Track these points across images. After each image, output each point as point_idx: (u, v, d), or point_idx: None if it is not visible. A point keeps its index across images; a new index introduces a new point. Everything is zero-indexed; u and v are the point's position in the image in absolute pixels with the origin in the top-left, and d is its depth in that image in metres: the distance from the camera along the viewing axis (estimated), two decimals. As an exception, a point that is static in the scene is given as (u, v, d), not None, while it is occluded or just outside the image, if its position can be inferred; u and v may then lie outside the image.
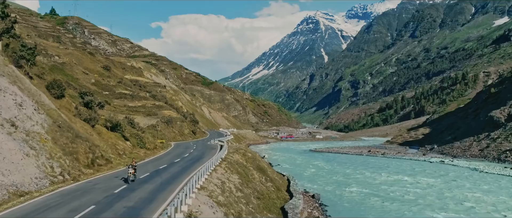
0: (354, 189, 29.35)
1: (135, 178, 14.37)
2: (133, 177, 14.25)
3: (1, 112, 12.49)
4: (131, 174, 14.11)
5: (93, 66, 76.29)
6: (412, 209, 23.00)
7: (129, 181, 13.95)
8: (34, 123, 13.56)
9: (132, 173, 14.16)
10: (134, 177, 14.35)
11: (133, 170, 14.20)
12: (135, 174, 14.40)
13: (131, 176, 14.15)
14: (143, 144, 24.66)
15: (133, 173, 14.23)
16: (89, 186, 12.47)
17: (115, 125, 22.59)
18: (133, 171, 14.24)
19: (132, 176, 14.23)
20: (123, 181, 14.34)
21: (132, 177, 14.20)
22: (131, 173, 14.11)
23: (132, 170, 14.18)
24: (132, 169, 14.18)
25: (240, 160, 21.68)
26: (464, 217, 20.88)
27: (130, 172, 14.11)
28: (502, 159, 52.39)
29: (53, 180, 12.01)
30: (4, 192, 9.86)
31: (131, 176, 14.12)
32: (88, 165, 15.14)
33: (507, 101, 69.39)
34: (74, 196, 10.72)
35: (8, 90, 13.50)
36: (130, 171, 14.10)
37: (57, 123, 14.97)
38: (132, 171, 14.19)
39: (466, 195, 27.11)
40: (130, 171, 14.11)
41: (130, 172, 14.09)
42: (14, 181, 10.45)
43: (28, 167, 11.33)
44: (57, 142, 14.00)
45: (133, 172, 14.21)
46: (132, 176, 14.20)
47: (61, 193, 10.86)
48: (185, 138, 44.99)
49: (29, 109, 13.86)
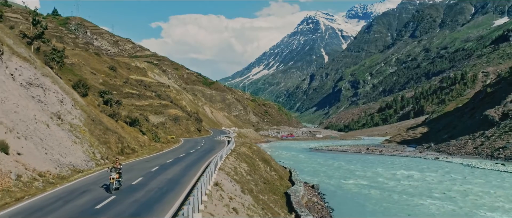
0: (351, 181, 31.54)
1: (120, 185, 10.70)
2: (117, 184, 10.54)
3: (48, 107, 14.76)
4: (114, 180, 10.38)
5: (99, 67, 78.64)
6: (403, 196, 25.21)
7: (112, 190, 10.26)
8: (73, 117, 15.82)
9: (115, 178, 10.45)
10: (119, 184, 10.65)
11: (117, 175, 10.54)
12: (120, 179, 10.67)
13: (114, 182, 10.39)
14: (158, 138, 26.91)
15: (117, 178, 10.53)
16: (128, 167, 14.89)
17: (133, 120, 24.86)
18: (117, 175, 10.55)
19: (116, 183, 10.50)
20: (141, 170, 14.44)
21: (115, 184, 10.45)
22: (114, 178, 10.38)
23: (116, 174, 10.51)
24: (116, 173, 10.52)
25: (247, 152, 23.95)
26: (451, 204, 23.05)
27: (113, 177, 10.38)
28: (495, 156, 54.50)
29: (97, 163, 14.33)
30: (66, 169, 12.23)
31: (114, 183, 10.37)
32: (119, 153, 17.41)
33: (501, 100, 71.52)
34: (123, 171, 13.24)
35: (51, 89, 15.76)
36: (113, 176, 10.39)
37: (90, 117, 17.24)
38: (116, 176, 10.48)
39: (455, 186, 29.29)
40: (113, 175, 10.40)
41: (113, 178, 10.38)
42: (70, 162, 12.80)
43: (76, 152, 13.62)
44: (93, 133, 16.27)
45: (117, 177, 10.52)
46: (115, 182, 10.44)
47: (107, 172, 13.31)
48: (191, 135, 47.32)
49: (68, 105, 16.12)
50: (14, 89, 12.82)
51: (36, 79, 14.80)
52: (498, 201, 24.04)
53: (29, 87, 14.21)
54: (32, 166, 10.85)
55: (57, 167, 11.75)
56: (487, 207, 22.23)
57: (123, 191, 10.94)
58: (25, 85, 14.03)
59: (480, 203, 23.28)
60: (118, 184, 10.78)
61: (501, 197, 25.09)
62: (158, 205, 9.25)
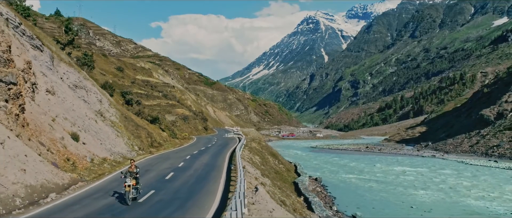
0: (351, 176, 33.99)
1: (138, 193, 8.79)
2: (134, 192, 8.55)
3: (91, 106, 17.20)
4: (130, 188, 8.38)
5: (107, 67, 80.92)
6: (399, 188, 27.66)
7: (128, 201, 8.34)
8: (111, 114, 18.25)
9: (132, 185, 8.45)
10: (137, 193, 8.73)
11: (133, 181, 8.54)
12: (138, 186, 8.74)
13: (131, 191, 8.40)
14: (175, 135, 29.37)
15: (134, 185, 8.52)
16: (165, 156, 17.75)
17: (154, 119, 27.33)
18: (134, 181, 8.54)
19: (133, 192, 8.52)
20: (177, 158, 16.68)
21: (132, 192, 8.47)
22: (130, 186, 8.39)
23: (133, 180, 8.52)
24: (132, 179, 8.52)
25: (257, 147, 26.44)
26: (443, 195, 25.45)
27: (129, 184, 8.39)
28: (489, 154, 56.87)
29: (137, 153, 16.81)
30: (118, 156, 14.73)
31: (130, 192, 8.38)
32: (150, 146, 19.89)
33: (497, 100, 73.90)
34: (163, 159, 16.49)
35: (92, 90, 18.20)
36: (128, 183, 8.39)
37: (123, 115, 19.68)
38: (133, 182, 8.49)
39: (447, 180, 31.73)
40: (129, 182, 8.41)
41: (129, 185, 8.39)
42: (119, 151, 15.29)
43: (120, 144, 16.07)
44: (127, 129, 18.71)
45: (133, 184, 8.52)
46: (132, 191, 8.45)
47: (152, 158, 16.23)
48: (199, 133, 49.84)
49: (106, 104, 18.57)
50: (67, 90, 15.20)
51: (79, 82, 17.18)
52: (484, 192, 26.49)
53: (75, 89, 16.58)
54: (95, 153, 13.26)
55: (111, 155, 14.19)
56: (473, 197, 24.68)
57: (178, 169, 14.04)
58: (72, 87, 16.39)
59: (467, 194, 25.72)
60: (136, 193, 8.60)
61: (487, 189, 27.55)
62: (210, 177, 12.26)
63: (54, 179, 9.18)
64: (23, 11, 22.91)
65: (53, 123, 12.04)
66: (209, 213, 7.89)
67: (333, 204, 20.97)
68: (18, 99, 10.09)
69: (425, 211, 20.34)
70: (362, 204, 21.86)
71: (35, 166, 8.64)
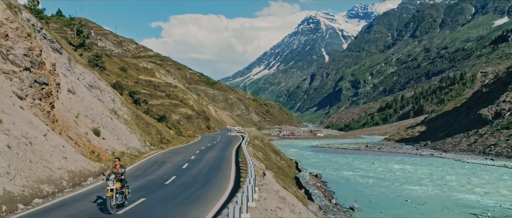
0: (350, 173, 35.16)
1: (125, 199, 7.62)
2: (120, 198, 7.39)
3: (106, 104, 18.43)
4: (113, 193, 7.12)
5: (111, 67, 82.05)
6: (396, 184, 28.83)
7: (111, 208, 6.99)
8: (123, 112, 19.49)
9: (116, 189, 7.22)
10: (123, 199, 7.54)
11: (118, 184, 7.30)
12: (123, 190, 7.47)
13: (113, 197, 7.12)
14: (180, 132, 30.60)
15: (118, 189, 7.29)
16: (176, 151, 19.14)
17: (161, 117, 28.56)
18: (119, 185, 7.31)
19: (118, 197, 7.33)
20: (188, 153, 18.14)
21: (117, 199, 7.31)
22: (113, 190, 7.14)
23: (117, 183, 7.28)
24: (116, 182, 7.30)
25: (260, 144, 27.65)
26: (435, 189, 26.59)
27: (112, 188, 7.14)
28: (487, 152, 57.91)
29: (150, 148, 18.05)
30: (134, 150, 15.97)
31: (113, 198, 7.11)
32: (160, 142, 21.12)
33: (495, 100, 74.90)
34: (175, 153, 17.88)
35: (105, 90, 19.44)
36: (111, 186, 7.14)
37: (135, 113, 20.91)
38: (117, 186, 7.25)
39: (442, 176, 32.88)
40: (111, 185, 7.15)
41: (112, 189, 7.13)
42: (133, 146, 16.54)
43: (133, 140, 17.31)
44: (139, 126, 19.94)
45: (118, 188, 7.28)
46: (116, 197, 7.23)
47: (164, 153, 17.64)
48: (203, 132, 51.16)
49: (118, 103, 19.80)
50: (84, 90, 16.42)
51: (94, 82, 18.40)
52: (476, 187, 27.63)
53: (91, 88, 17.80)
54: (114, 147, 14.48)
55: (127, 149, 15.42)
56: (466, 192, 25.84)
57: (191, 161, 16.07)
58: (88, 87, 17.61)
59: (461, 189, 26.87)
60: (122, 199, 7.36)
61: (480, 185, 28.69)
62: (221, 167, 13.78)
63: (88, 167, 10.48)
64: (36, 15, 24.11)
65: (77, 119, 13.27)
66: (227, 191, 9.57)
67: (332, 197, 22.14)
68: (49, 98, 11.27)
69: (419, 204, 21.48)
70: (360, 198, 23.02)
71: (72, 156, 9.87)
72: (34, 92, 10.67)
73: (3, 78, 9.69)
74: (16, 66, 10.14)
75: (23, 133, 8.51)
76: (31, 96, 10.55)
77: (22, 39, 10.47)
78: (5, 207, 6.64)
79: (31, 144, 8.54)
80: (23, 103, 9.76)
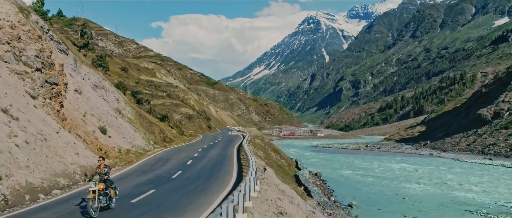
0: (349, 171, 35.65)
1: (110, 201, 6.96)
2: (104, 200, 6.78)
3: (110, 104, 18.95)
4: (95, 195, 6.56)
5: (112, 68, 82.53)
6: (394, 182, 29.31)
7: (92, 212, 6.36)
8: (127, 112, 20.00)
9: (99, 190, 6.65)
10: (108, 201, 6.89)
11: (101, 185, 6.71)
12: (107, 192, 6.87)
13: (96, 199, 6.54)
14: (182, 132, 31.11)
15: (101, 190, 6.69)
16: (179, 149, 19.76)
17: (163, 116, 29.07)
18: (102, 186, 6.72)
19: (102, 200, 6.72)
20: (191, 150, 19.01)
21: (101, 201, 6.67)
22: (95, 191, 6.59)
23: (100, 184, 6.70)
24: (99, 183, 6.72)
25: (260, 143, 28.16)
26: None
27: (94, 189, 6.58)
28: (485, 152, 58.33)
29: (154, 146, 18.56)
30: (138, 148, 16.50)
31: (94, 200, 6.50)
32: (163, 141, 21.65)
33: (494, 100, 75.30)
34: (178, 151, 18.52)
35: (110, 90, 19.96)
36: (93, 188, 6.58)
37: (138, 113, 21.43)
38: (100, 187, 6.67)
39: (440, 175, 33.34)
40: (93, 186, 6.59)
41: (94, 190, 6.58)
42: (138, 144, 17.06)
43: (138, 138, 17.83)
44: (142, 125, 20.47)
45: (101, 189, 6.68)
46: (100, 199, 6.64)
47: (168, 151, 18.23)
48: (204, 131, 51.72)
49: (122, 103, 20.32)
50: (90, 90, 16.95)
51: (99, 82, 18.93)
52: (473, 186, 28.10)
53: (96, 88, 18.33)
54: (120, 145, 15.00)
55: (132, 147, 15.94)
56: (463, 190, 26.32)
57: (194, 158, 16.75)
58: (93, 87, 18.13)
59: (457, 187, 27.35)
60: (106, 201, 6.74)
61: (477, 183, 29.16)
62: (224, 163, 14.46)
63: (98, 163, 11.03)
64: (41, 16, 24.64)
65: (84, 118, 13.79)
66: (230, 184, 10.35)
67: (331, 195, 22.63)
68: (58, 97, 11.78)
69: (416, 202, 21.97)
70: (358, 195, 23.51)
71: (83, 152, 10.39)
72: (45, 92, 11.19)
73: (16, 78, 10.23)
74: (28, 67, 10.65)
75: (38, 130, 9.04)
76: (43, 96, 11.08)
77: (34, 41, 10.98)
78: (28, 197, 7.35)
79: (45, 140, 9.06)
80: (35, 102, 10.27)
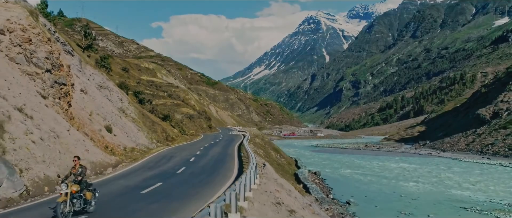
0: (348, 170, 36.14)
1: (86, 205, 6.50)
2: (78, 203, 6.32)
3: (114, 104, 19.47)
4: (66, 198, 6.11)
5: (113, 68, 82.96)
6: (392, 181, 29.80)
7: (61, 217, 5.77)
8: (130, 111, 20.53)
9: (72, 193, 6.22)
10: (84, 204, 6.45)
11: (74, 187, 6.26)
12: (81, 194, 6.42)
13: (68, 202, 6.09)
14: (184, 131, 31.64)
15: (74, 193, 6.26)
16: (181, 147, 20.36)
17: (165, 116, 29.60)
18: (75, 188, 6.27)
19: (76, 203, 6.29)
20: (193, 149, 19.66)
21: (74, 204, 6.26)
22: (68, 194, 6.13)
23: (73, 186, 6.25)
24: (73, 185, 6.28)
25: (261, 143, 28.67)
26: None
27: (66, 192, 6.11)
28: (484, 151, 58.75)
29: (157, 145, 19.08)
30: (142, 147, 17.04)
31: (67, 204, 6.07)
32: (165, 140, 22.16)
33: (493, 100, 75.69)
34: (181, 149, 19.21)
35: (113, 90, 20.49)
36: (65, 190, 6.10)
37: (141, 112, 21.95)
38: (73, 189, 6.24)
39: (437, 174, 33.82)
40: (65, 189, 6.09)
41: (66, 193, 6.12)
42: (142, 143, 17.60)
43: (141, 137, 18.36)
44: (145, 124, 20.99)
45: (74, 191, 6.24)
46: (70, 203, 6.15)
47: (171, 149, 18.88)
48: (205, 131, 52.29)
49: (125, 103, 20.85)
50: (95, 90, 17.47)
51: (103, 82, 19.45)
52: (470, 184, 28.58)
53: (100, 88, 18.85)
54: (125, 143, 15.53)
55: (137, 146, 16.47)
56: (459, 188, 26.80)
57: (197, 155, 16.84)
58: (98, 87, 18.65)
59: (454, 186, 27.82)
60: (81, 204, 6.29)
61: (474, 182, 29.63)
62: (225, 160, 15.15)
63: (106, 159, 11.61)
64: (45, 17, 25.17)
65: (91, 117, 14.32)
66: (232, 178, 11.08)
67: (330, 192, 23.13)
68: (66, 97, 12.31)
69: (413, 199, 22.46)
70: (356, 193, 24.00)
71: (92, 149, 10.94)
72: (54, 92, 11.72)
73: (27, 79, 10.76)
74: (39, 68, 11.18)
75: (51, 128, 9.57)
76: (52, 96, 11.61)
77: (43, 43, 11.50)
78: (47, 188, 7.91)
79: (58, 137, 9.60)
80: (46, 102, 10.79)
